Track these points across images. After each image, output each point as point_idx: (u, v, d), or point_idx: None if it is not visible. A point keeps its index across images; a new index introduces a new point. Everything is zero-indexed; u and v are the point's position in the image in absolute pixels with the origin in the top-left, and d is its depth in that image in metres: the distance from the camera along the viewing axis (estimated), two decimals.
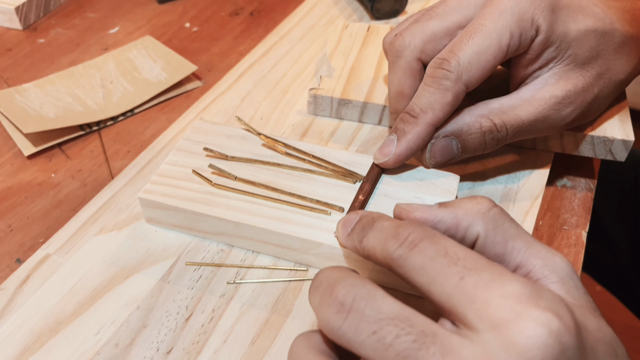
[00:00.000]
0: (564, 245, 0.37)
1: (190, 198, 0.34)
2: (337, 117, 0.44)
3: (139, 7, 0.60)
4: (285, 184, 0.35)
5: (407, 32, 0.36)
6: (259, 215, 0.33)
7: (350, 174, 0.36)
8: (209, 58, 0.53)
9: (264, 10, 0.60)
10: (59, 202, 0.40)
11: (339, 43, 0.48)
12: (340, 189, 0.35)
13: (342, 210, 0.33)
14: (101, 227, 0.36)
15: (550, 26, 0.34)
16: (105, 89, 0.48)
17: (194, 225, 0.34)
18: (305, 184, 0.35)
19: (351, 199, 0.34)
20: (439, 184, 0.35)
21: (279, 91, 0.47)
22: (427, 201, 0.34)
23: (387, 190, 0.35)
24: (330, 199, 0.34)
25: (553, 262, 0.24)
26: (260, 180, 0.35)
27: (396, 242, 0.24)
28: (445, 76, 0.33)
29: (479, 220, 0.26)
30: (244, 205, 0.34)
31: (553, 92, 0.35)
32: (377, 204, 0.34)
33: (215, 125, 0.39)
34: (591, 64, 0.36)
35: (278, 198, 0.34)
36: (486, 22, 0.33)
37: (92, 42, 0.55)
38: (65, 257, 0.34)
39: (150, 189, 0.35)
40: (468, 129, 0.35)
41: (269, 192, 0.35)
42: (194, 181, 0.35)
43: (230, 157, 0.37)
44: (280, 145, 0.37)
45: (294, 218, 0.33)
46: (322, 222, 0.33)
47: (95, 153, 0.44)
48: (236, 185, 0.35)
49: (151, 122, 0.46)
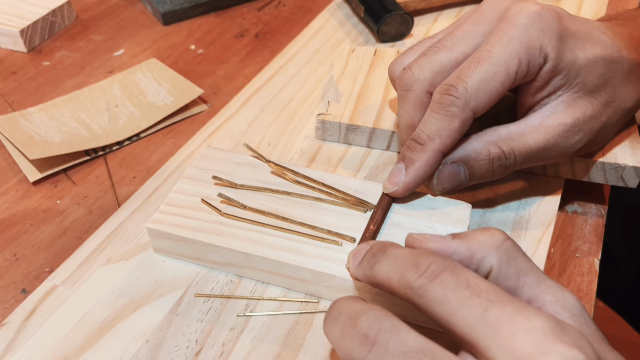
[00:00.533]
0: (577, 273, 0.37)
1: (199, 228, 0.34)
2: (345, 142, 0.44)
3: (143, 29, 0.60)
4: (295, 213, 0.35)
5: (416, 65, 0.36)
6: (269, 246, 0.33)
7: (361, 203, 0.35)
8: (214, 81, 0.53)
9: (269, 32, 0.60)
10: (65, 229, 0.39)
11: (346, 67, 0.48)
12: (351, 218, 0.35)
13: (354, 240, 0.33)
14: (108, 257, 0.36)
15: (559, 54, 0.33)
16: (110, 113, 0.48)
17: (203, 255, 0.34)
18: (315, 213, 0.35)
19: (362, 229, 0.34)
20: (451, 213, 0.35)
21: (286, 116, 0.47)
22: (440, 231, 0.34)
23: (399, 220, 0.34)
24: (341, 228, 0.34)
25: (564, 299, 0.25)
26: (270, 209, 0.35)
27: (416, 272, 0.24)
28: (453, 102, 0.33)
29: (492, 253, 0.26)
30: (254, 235, 0.33)
31: (562, 120, 0.35)
32: (388, 233, 0.34)
33: (223, 152, 0.39)
34: (599, 91, 0.35)
35: (288, 228, 0.34)
36: (494, 49, 0.33)
37: (97, 64, 0.55)
38: (72, 288, 0.34)
39: (159, 218, 0.34)
40: (476, 155, 0.35)
41: (278, 221, 0.34)
42: (203, 210, 0.35)
43: (239, 185, 0.36)
44: (289, 173, 0.37)
45: (305, 249, 0.33)
46: (333, 252, 0.32)
47: (101, 179, 0.43)
48: (246, 215, 0.34)
49: (157, 146, 0.46)
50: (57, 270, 0.35)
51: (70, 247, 0.38)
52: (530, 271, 0.25)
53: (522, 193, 0.40)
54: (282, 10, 0.63)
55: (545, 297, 0.25)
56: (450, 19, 0.59)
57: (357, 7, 0.58)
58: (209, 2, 0.62)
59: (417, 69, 0.36)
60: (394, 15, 0.53)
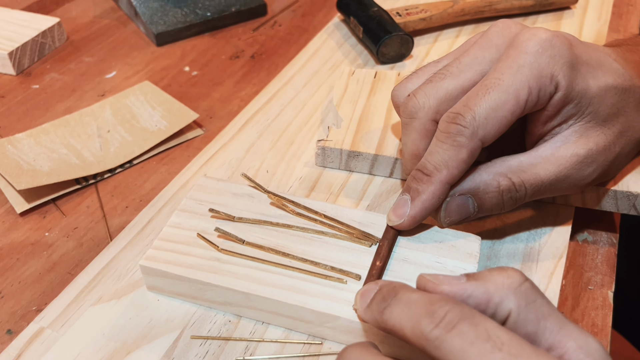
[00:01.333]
0: (591, 307, 0.35)
1: (195, 265, 0.32)
2: (346, 169, 0.42)
3: (136, 50, 0.59)
4: (296, 247, 0.33)
5: (421, 92, 0.34)
6: (269, 285, 0.31)
7: (366, 236, 0.34)
8: (209, 104, 0.51)
9: (265, 53, 0.58)
10: (54, 264, 0.37)
11: (346, 90, 0.46)
12: (355, 253, 0.33)
13: (359, 278, 0.31)
14: (99, 295, 0.34)
15: (570, 82, 0.32)
16: (102, 139, 0.46)
17: (199, 294, 0.32)
18: (317, 247, 0.33)
19: (367, 264, 0.32)
20: (460, 247, 0.33)
21: (284, 141, 0.45)
22: (449, 266, 0.32)
23: (406, 254, 0.33)
24: (346, 264, 0.32)
25: (587, 345, 0.23)
26: (270, 243, 0.33)
27: (431, 321, 0.22)
28: (460, 132, 0.32)
29: (511, 296, 0.24)
30: (253, 273, 0.32)
31: (574, 151, 0.34)
32: (395, 269, 0.32)
33: (220, 182, 0.37)
34: (612, 121, 0.34)
35: (289, 264, 0.32)
36: (504, 77, 0.32)
37: (88, 87, 0.53)
38: (60, 330, 0.32)
39: (153, 255, 0.32)
40: (485, 187, 0.33)
41: (279, 257, 0.32)
42: (199, 246, 0.33)
43: (237, 218, 0.34)
44: (289, 204, 0.35)
45: (307, 287, 0.31)
46: (337, 291, 0.31)
47: (92, 209, 0.41)
48: (244, 250, 0.33)
49: (151, 174, 0.44)
50: (45, 310, 0.33)
51: (59, 283, 0.36)
52: (550, 315, 0.24)
53: (531, 223, 0.38)
54: (278, 30, 0.62)
55: (567, 344, 0.23)
56: (450, 39, 0.58)
57: (355, 27, 0.56)
58: (203, 22, 0.61)
59: (422, 96, 0.34)
60: (393, 36, 0.52)
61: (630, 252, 0.64)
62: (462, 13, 0.58)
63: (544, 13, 0.62)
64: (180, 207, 0.35)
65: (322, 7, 0.66)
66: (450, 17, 0.58)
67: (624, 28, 0.61)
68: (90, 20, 0.63)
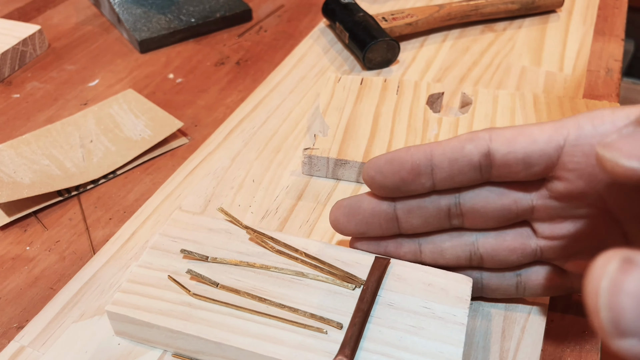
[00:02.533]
0: (581, 313, 0.35)
1: (165, 311, 0.30)
2: (333, 177, 0.42)
3: (119, 57, 0.58)
4: (274, 290, 0.31)
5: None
6: (243, 334, 0.29)
7: (349, 278, 0.31)
8: (194, 112, 0.51)
9: (250, 59, 0.58)
10: (35, 279, 0.37)
11: (332, 97, 0.46)
12: (337, 297, 0.31)
13: (340, 327, 0.29)
14: (81, 312, 0.33)
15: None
16: (85, 149, 0.46)
17: (170, 342, 0.30)
18: (297, 290, 0.31)
19: (350, 310, 0.30)
20: (450, 290, 0.31)
21: (270, 150, 0.45)
22: (438, 312, 0.30)
23: (391, 299, 0.31)
24: (327, 310, 0.30)
25: None
26: (246, 286, 0.31)
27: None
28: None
29: None
30: (227, 320, 0.29)
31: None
32: (379, 316, 0.30)
33: (195, 216, 0.35)
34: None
35: (266, 312, 0.30)
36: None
37: (70, 96, 0.53)
38: (41, 349, 0.31)
39: (120, 299, 0.30)
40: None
41: (255, 302, 0.30)
42: (170, 289, 0.31)
43: (212, 258, 0.32)
44: (269, 240, 0.33)
45: (285, 337, 0.29)
46: (317, 341, 0.28)
47: (75, 221, 0.40)
48: (218, 295, 0.31)
49: (135, 184, 0.43)
50: (26, 328, 0.32)
51: (40, 298, 0.35)
52: None
53: None
54: (263, 35, 0.62)
55: None
56: (436, 43, 0.57)
57: (341, 33, 0.56)
58: (188, 28, 0.60)
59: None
60: (379, 42, 0.52)
61: None
62: (448, 17, 0.58)
63: (530, 17, 0.62)
64: (152, 244, 0.33)
65: (308, 13, 0.65)
66: (437, 21, 0.58)
67: (609, 31, 0.61)
68: (72, 27, 0.63)
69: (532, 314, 0.33)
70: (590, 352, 0.32)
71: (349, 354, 0.28)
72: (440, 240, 0.32)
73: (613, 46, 0.59)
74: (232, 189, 0.41)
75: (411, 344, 0.28)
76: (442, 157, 0.28)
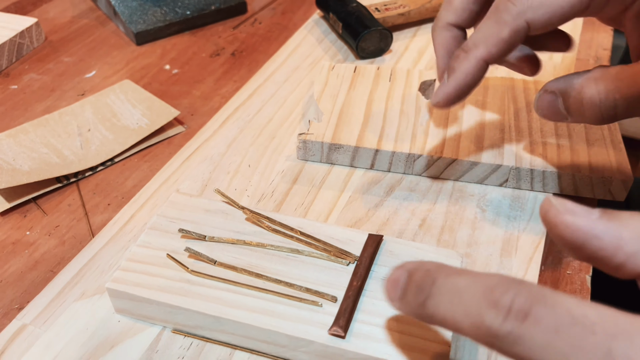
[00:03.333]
0: (569, 291, 0.36)
1: (164, 288, 0.30)
2: (327, 162, 0.43)
3: (116, 49, 0.59)
4: (271, 267, 0.32)
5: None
6: (241, 308, 0.30)
7: (343, 254, 0.32)
8: (191, 101, 0.51)
9: (245, 50, 0.58)
10: (35, 262, 0.37)
11: (326, 85, 0.47)
12: (332, 273, 0.32)
13: (335, 300, 0.30)
14: (82, 291, 0.34)
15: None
16: (82, 138, 0.46)
17: (169, 318, 0.31)
18: (293, 267, 0.32)
19: (344, 284, 0.31)
20: None
21: (265, 136, 0.45)
22: None
23: (384, 273, 0.32)
24: (322, 284, 0.31)
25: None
26: (243, 263, 0.32)
27: (497, 313, 0.18)
28: (507, 9, 0.30)
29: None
30: (225, 295, 0.30)
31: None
32: (372, 289, 0.31)
33: (192, 198, 0.36)
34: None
35: (262, 286, 0.31)
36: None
37: (67, 87, 0.53)
38: (42, 327, 0.32)
39: (120, 277, 0.31)
40: (573, 90, 0.31)
41: (252, 278, 0.31)
42: (169, 267, 0.32)
43: (210, 237, 0.33)
44: (265, 220, 0.34)
45: (281, 310, 0.30)
46: (313, 314, 0.29)
47: (74, 207, 0.41)
48: (216, 272, 0.31)
49: (132, 171, 0.44)
50: (27, 307, 0.33)
51: (41, 281, 0.36)
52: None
53: (510, 209, 0.39)
54: (258, 27, 0.62)
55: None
56: (428, 33, 0.58)
57: (334, 23, 0.57)
58: (183, 20, 0.61)
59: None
60: (372, 31, 0.53)
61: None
62: (440, 8, 0.59)
63: None
64: (150, 225, 0.34)
65: (302, 5, 0.66)
66: (429, 11, 0.58)
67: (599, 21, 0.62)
68: (68, 21, 0.63)
69: None
70: None
71: (344, 325, 0.28)
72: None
73: (602, 36, 0.60)
74: (229, 173, 0.42)
75: (402, 315, 0.29)
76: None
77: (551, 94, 0.32)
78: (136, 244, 0.33)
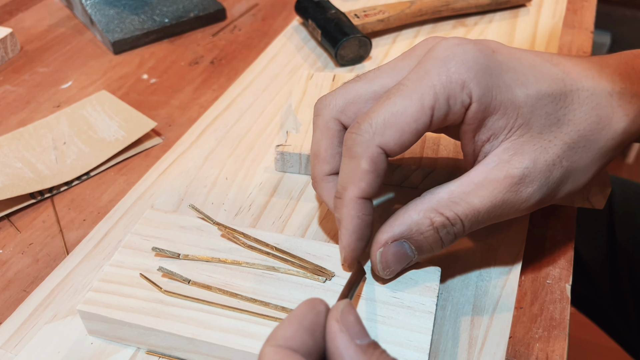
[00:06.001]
0: (549, 301, 0.36)
1: (137, 309, 0.30)
2: (306, 173, 0.42)
3: (93, 58, 0.58)
4: (246, 285, 0.31)
5: (331, 93, 0.34)
6: (215, 329, 0.29)
7: (320, 271, 0.32)
8: (169, 112, 0.51)
9: (224, 58, 0.58)
10: (8, 282, 0.36)
11: (305, 94, 0.46)
12: (308, 290, 0.31)
13: None
14: (54, 312, 0.33)
15: (487, 92, 0.29)
16: (57, 151, 0.45)
17: (143, 339, 0.30)
18: (268, 284, 0.31)
19: None
20: (419, 280, 0.32)
21: (244, 148, 0.45)
22: (407, 301, 0.31)
23: (361, 290, 0.31)
24: (298, 303, 0.30)
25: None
26: (218, 282, 0.31)
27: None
28: (355, 142, 0.30)
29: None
30: (199, 315, 0.30)
31: (508, 171, 0.30)
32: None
33: (167, 214, 0.35)
34: (553, 132, 0.30)
35: (237, 306, 0.30)
36: (408, 82, 0.30)
37: (43, 99, 0.52)
38: (13, 351, 0.31)
39: (92, 298, 0.30)
40: (418, 228, 0.30)
41: (227, 297, 0.31)
42: (142, 287, 0.31)
43: (184, 255, 0.33)
44: (240, 236, 0.34)
45: (256, 331, 0.29)
46: None
47: (48, 223, 0.40)
48: (190, 291, 0.31)
49: (109, 185, 0.43)
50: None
51: (14, 301, 0.35)
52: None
53: None
54: (237, 34, 0.62)
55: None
56: (408, 39, 0.58)
57: (314, 30, 0.56)
58: (162, 28, 0.60)
59: (330, 96, 0.33)
60: (351, 38, 0.52)
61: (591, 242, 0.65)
62: (419, 13, 0.59)
63: (500, 11, 0.63)
64: (124, 243, 0.33)
65: (282, 11, 0.66)
66: (408, 17, 0.58)
67: (578, 24, 0.62)
68: (44, 30, 0.62)
69: (500, 302, 0.34)
70: (558, 338, 0.33)
71: None
72: None
73: (582, 38, 0.60)
74: (205, 187, 0.42)
75: (381, 333, 0.29)
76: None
77: (396, 243, 0.31)
78: (109, 263, 0.32)
